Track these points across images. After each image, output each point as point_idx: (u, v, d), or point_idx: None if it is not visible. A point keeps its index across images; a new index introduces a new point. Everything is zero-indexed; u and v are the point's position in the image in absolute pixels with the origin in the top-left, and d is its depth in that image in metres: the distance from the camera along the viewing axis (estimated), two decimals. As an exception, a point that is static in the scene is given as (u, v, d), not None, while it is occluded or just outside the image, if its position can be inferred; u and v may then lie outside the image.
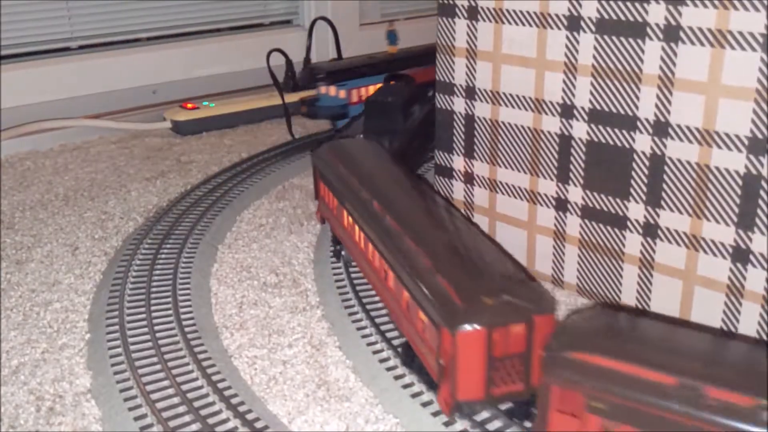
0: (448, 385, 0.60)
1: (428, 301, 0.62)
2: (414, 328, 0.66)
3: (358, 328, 0.78)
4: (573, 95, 0.79)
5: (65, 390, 0.69)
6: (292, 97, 1.48)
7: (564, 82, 0.79)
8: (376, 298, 0.82)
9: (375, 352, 0.74)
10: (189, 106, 1.43)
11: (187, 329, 0.77)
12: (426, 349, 0.64)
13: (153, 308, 0.80)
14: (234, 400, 0.66)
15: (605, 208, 0.80)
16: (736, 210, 0.70)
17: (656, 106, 0.73)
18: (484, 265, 0.66)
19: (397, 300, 0.69)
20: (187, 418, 0.64)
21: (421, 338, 0.64)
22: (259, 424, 0.64)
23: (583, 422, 0.52)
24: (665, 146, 0.73)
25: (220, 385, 0.68)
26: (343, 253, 0.89)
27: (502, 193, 0.89)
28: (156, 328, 0.77)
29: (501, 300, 0.60)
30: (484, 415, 0.65)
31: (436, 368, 0.61)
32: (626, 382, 0.50)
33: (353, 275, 0.87)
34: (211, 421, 0.64)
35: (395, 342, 0.74)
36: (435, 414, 0.65)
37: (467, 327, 0.58)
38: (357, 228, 0.79)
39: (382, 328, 0.77)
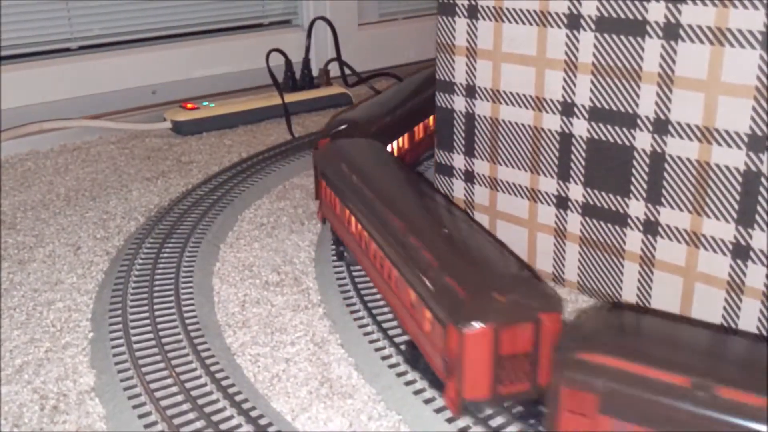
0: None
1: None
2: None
3: (360, 326, 0.78)
4: (573, 93, 0.79)
5: (69, 388, 0.70)
6: (291, 97, 1.48)
7: (564, 80, 0.80)
8: (378, 296, 0.82)
9: (377, 350, 0.74)
10: (189, 106, 1.43)
11: (190, 328, 0.77)
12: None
13: (156, 307, 0.81)
14: (237, 398, 0.67)
15: (606, 206, 0.80)
16: (736, 207, 0.71)
17: (656, 103, 0.73)
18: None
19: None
20: (191, 416, 0.65)
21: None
22: (262, 422, 0.64)
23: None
24: (665, 144, 0.74)
25: (224, 383, 0.69)
26: (345, 254, 0.89)
27: (503, 191, 0.89)
28: (159, 326, 0.77)
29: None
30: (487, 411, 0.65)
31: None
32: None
33: (354, 273, 0.87)
34: (215, 418, 0.64)
35: (397, 339, 0.75)
36: (438, 411, 0.66)
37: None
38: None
39: (384, 325, 0.77)
